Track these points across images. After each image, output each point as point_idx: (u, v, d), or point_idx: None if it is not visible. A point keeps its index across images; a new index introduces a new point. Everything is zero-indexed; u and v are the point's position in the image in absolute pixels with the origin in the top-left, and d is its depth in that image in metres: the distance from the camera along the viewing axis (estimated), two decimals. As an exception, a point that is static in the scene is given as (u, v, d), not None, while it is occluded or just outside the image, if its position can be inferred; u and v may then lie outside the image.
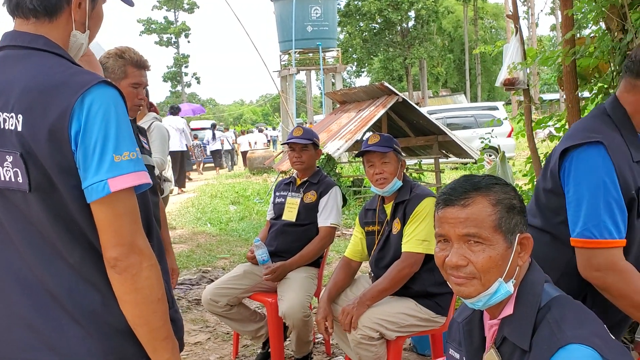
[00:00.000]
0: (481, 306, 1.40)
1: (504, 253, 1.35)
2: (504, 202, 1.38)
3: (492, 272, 1.35)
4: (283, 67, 20.54)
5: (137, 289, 1.28)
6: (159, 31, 51.23)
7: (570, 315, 1.31)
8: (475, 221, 1.35)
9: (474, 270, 1.35)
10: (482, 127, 14.96)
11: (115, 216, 1.27)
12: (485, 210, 1.36)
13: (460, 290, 1.39)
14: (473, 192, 1.38)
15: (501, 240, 1.35)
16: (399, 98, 9.39)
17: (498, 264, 1.34)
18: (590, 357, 1.21)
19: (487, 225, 1.35)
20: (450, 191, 1.41)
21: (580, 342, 1.22)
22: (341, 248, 6.73)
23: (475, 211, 1.36)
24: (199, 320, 4.66)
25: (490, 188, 1.39)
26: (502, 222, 1.36)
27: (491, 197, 1.38)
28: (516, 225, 1.38)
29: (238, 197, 12.24)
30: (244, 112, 66.57)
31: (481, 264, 1.34)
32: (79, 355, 1.31)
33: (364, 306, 2.78)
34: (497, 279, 1.35)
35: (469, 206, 1.36)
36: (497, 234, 1.35)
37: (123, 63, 2.59)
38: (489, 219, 1.35)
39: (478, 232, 1.35)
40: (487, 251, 1.34)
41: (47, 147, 1.24)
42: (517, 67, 3.68)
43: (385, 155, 2.96)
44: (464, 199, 1.37)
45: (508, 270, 1.36)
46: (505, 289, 1.36)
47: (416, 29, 34.10)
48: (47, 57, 1.34)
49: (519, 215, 1.39)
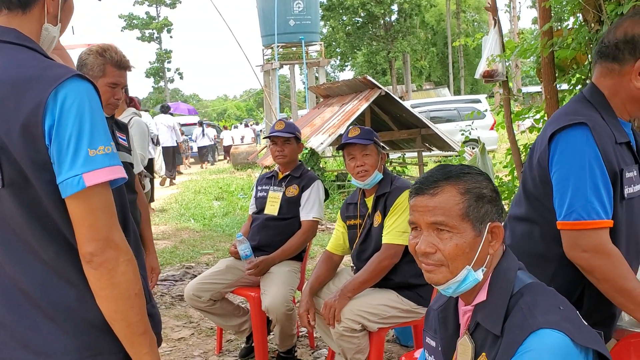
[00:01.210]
0: (451, 293, 1.42)
1: (472, 241, 1.37)
2: (473, 191, 1.39)
3: (459, 259, 1.37)
4: (266, 62, 20.44)
5: (113, 284, 1.27)
6: (140, 27, 50.77)
7: (542, 301, 1.33)
8: (442, 209, 1.38)
9: (442, 258, 1.38)
10: (465, 120, 15.05)
11: (91, 211, 1.25)
12: (454, 199, 1.38)
13: (430, 277, 1.42)
14: (443, 181, 1.41)
15: (469, 229, 1.37)
16: (381, 92, 9.40)
17: (465, 252, 1.37)
18: (561, 341, 1.23)
19: (454, 214, 1.37)
20: (422, 180, 1.44)
21: (551, 326, 1.24)
22: (324, 242, 6.75)
23: (444, 200, 1.38)
24: (182, 316, 4.65)
25: (461, 177, 1.41)
26: (469, 211, 1.37)
27: (460, 185, 1.39)
28: (486, 214, 1.39)
29: (222, 193, 12.22)
30: (227, 108, 66.23)
31: (448, 252, 1.37)
32: (55, 353, 1.30)
33: (346, 298, 2.79)
34: (465, 267, 1.37)
35: (437, 195, 1.39)
36: (464, 222, 1.37)
37: (103, 62, 2.57)
38: (456, 208, 1.37)
39: (445, 221, 1.37)
40: (454, 239, 1.37)
41: (21, 142, 1.22)
42: (496, 59, 3.70)
43: (366, 147, 2.97)
44: (433, 188, 1.40)
45: (477, 259, 1.38)
46: (474, 277, 1.38)
47: (399, 22, 34.13)
48: (19, 50, 1.31)
49: (489, 204, 1.40)
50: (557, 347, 1.22)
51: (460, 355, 1.42)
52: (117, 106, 2.68)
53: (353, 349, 2.81)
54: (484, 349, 1.36)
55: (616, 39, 1.75)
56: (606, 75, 1.79)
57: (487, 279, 1.42)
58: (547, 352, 1.22)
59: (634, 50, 1.72)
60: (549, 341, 1.23)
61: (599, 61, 1.81)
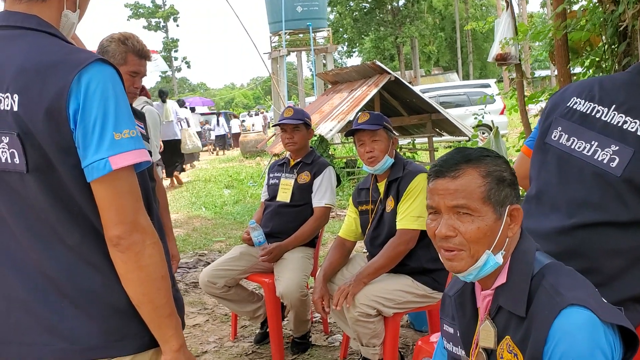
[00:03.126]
0: (472, 279, 1.41)
1: (493, 225, 1.36)
2: (494, 174, 1.38)
3: (480, 242, 1.36)
4: (273, 49, 20.37)
5: (140, 266, 1.28)
6: (147, 15, 50.74)
7: (564, 279, 1.33)
8: (464, 192, 1.36)
9: (463, 241, 1.36)
10: (474, 105, 14.95)
11: (117, 194, 1.26)
12: (475, 182, 1.37)
13: (452, 266, 1.41)
14: (464, 163, 1.39)
15: (490, 212, 1.36)
16: (391, 77, 9.35)
17: (487, 235, 1.36)
18: (589, 318, 1.23)
19: (476, 197, 1.36)
20: (441, 163, 1.42)
21: (578, 302, 1.25)
22: (336, 229, 6.76)
23: (465, 182, 1.37)
24: (197, 302, 4.68)
25: (481, 160, 1.40)
26: (491, 194, 1.36)
27: (481, 168, 1.38)
28: (506, 197, 1.38)
29: (232, 181, 12.25)
30: (235, 96, 66.21)
31: (470, 235, 1.35)
32: (80, 337, 1.31)
33: (361, 284, 2.79)
34: (485, 251, 1.36)
35: (458, 177, 1.37)
36: (486, 205, 1.36)
37: (124, 50, 2.57)
38: (478, 191, 1.36)
39: (467, 204, 1.36)
40: (475, 222, 1.36)
41: (45, 127, 1.23)
42: (509, 42, 3.67)
43: (375, 133, 2.96)
44: (454, 171, 1.38)
45: (497, 242, 1.37)
46: (494, 261, 1.37)
47: (407, 7, 33.88)
48: (41, 36, 1.32)
49: (509, 187, 1.39)
50: (586, 324, 1.23)
51: (483, 339, 1.41)
52: (136, 95, 2.68)
53: (368, 334, 2.82)
54: (508, 332, 1.36)
55: None
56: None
57: (506, 262, 1.41)
58: (577, 331, 1.22)
59: None
60: (578, 319, 1.23)
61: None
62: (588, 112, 1.79)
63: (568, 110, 1.84)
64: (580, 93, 1.84)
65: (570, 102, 1.85)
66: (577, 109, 1.82)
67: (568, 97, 1.87)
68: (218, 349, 3.76)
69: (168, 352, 1.37)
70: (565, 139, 1.81)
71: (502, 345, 1.37)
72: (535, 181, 1.88)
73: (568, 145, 1.80)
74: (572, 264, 1.43)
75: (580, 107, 1.82)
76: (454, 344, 1.55)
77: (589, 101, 1.81)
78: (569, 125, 1.81)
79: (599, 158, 1.71)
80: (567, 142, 1.80)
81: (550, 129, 1.86)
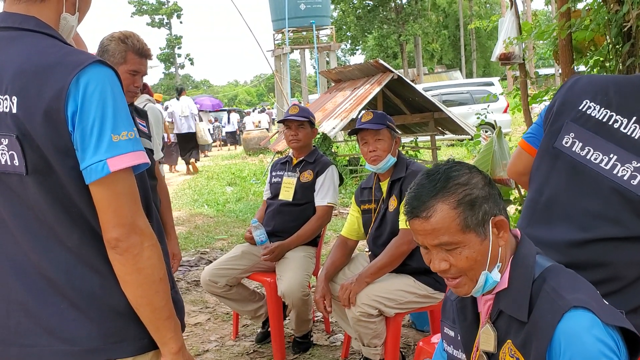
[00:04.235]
0: (478, 294, 1.43)
1: (480, 247, 1.36)
2: (464, 200, 1.35)
3: (474, 268, 1.37)
4: (277, 47, 20.38)
5: (139, 269, 1.28)
6: (150, 12, 50.75)
7: (565, 281, 1.33)
8: (441, 230, 1.34)
9: (458, 271, 1.38)
10: (478, 104, 14.93)
11: (115, 196, 1.26)
12: (449, 216, 1.34)
13: (457, 292, 1.43)
14: (432, 200, 1.36)
15: (473, 237, 1.35)
16: (394, 75, 9.34)
17: (477, 260, 1.36)
18: (591, 320, 1.23)
19: (454, 230, 1.34)
20: (411, 201, 1.39)
21: (580, 304, 1.24)
22: (338, 227, 6.75)
23: (439, 220, 1.34)
24: (198, 301, 4.68)
25: (448, 190, 1.36)
26: (468, 222, 1.35)
27: (450, 200, 1.35)
28: (485, 214, 1.36)
29: (234, 179, 12.25)
30: (238, 93, 66.23)
31: (461, 265, 1.36)
32: (80, 339, 1.30)
33: (363, 283, 2.79)
34: (482, 272, 1.37)
35: (431, 217, 1.35)
36: (467, 234, 1.35)
37: (124, 48, 2.56)
38: (454, 224, 1.34)
39: (448, 240, 1.35)
40: (463, 252, 1.35)
41: (44, 128, 1.23)
42: (513, 41, 3.65)
43: (378, 132, 2.96)
44: (425, 210, 1.36)
45: (491, 258, 1.37)
46: (492, 279, 1.38)
47: (410, 5, 33.82)
48: (40, 38, 1.31)
49: (485, 203, 1.37)
50: (591, 325, 1.23)
51: (483, 343, 1.41)
52: (136, 94, 2.68)
53: (370, 334, 2.81)
54: (509, 336, 1.36)
55: None
56: None
57: (506, 267, 1.41)
58: (585, 333, 1.22)
59: None
60: (582, 322, 1.23)
61: None
62: (605, 120, 1.70)
63: (581, 115, 1.74)
64: (595, 96, 1.74)
65: (582, 105, 1.75)
66: (591, 115, 1.73)
67: (579, 97, 1.77)
68: (219, 347, 3.76)
69: (167, 355, 1.37)
70: (579, 147, 1.73)
71: (504, 350, 1.36)
72: (543, 187, 1.80)
73: (583, 155, 1.71)
74: (584, 275, 1.41)
75: (595, 113, 1.72)
76: (455, 347, 1.56)
77: (605, 107, 1.71)
78: (584, 133, 1.73)
79: (619, 174, 1.64)
80: (581, 151, 1.72)
81: (561, 133, 1.77)
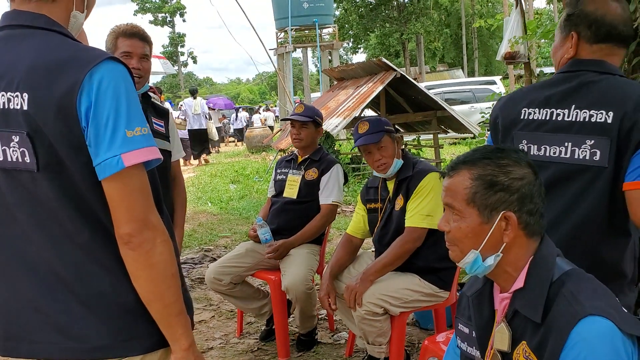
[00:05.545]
0: (468, 272, 1.44)
1: (477, 227, 1.38)
2: (485, 177, 1.38)
3: (463, 242, 1.40)
4: (279, 45, 20.36)
5: (151, 264, 1.28)
6: (153, 10, 50.76)
7: (585, 287, 1.31)
8: (451, 192, 1.42)
9: (452, 237, 1.43)
10: (480, 102, 14.90)
11: (128, 192, 1.26)
12: (463, 183, 1.40)
13: (450, 254, 1.47)
14: (462, 164, 1.43)
15: (474, 215, 1.38)
16: (397, 74, 9.31)
17: (469, 237, 1.39)
18: (609, 327, 1.22)
19: (460, 198, 1.40)
20: (454, 160, 1.46)
21: (598, 313, 1.23)
22: (342, 225, 6.75)
23: (455, 182, 1.41)
24: (202, 298, 4.69)
25: (479, 162, 1.41)
26: (476, 197, 1.38)
27: (474, 171, 1.40)
28: (498, 202, 1.37)
29: (237, 176, 12.26)
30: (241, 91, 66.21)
31: (452, 233, 1.42)
32: (88, 337, 1.31)
33: (368, 282, 2.79)
34: (472, 250, 1.39)
35: (452, 177, 1.43)
36: (469, 207, 1.39)
37: (114, 36, 2.62)
38: (463, 192, 1.39)
39: (452, 203, 1.41)
40: (458, 222, 1.40)
41: (56, 124, 1.23)
42: (519, 40, 3.65)
43: (379, 141, 2.94)
44: (453, 170, 1.43)
45: (487, 244, 1.38)
46: (481, 262, 1.39)
47: (412, 3, 33.72)
48: (51, 35, 1.32)
49: (503, 192, 1.37)
50: (606, 334, 1.21)
51: (497, 342, 1.40)
52: (139, 77, 2.61)
53: (375, 333, 2.82)
54: (525, 337, 1.35)
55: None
56: (611, 55, 1.83)
57: (524, 266, 1.40)
58: (597, 340, 1.21)
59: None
60: (598, 329, 1.22)
61: (603, 43, 1.82)
62: (548, 118, 1.81)
63: (525, 122, 1.86)
64: (530, 102, 1.86)
65: (522, 114, 1.87)
66: (534, 119, 1.84)
67: (517, 108, 1.89)
68: (224, 345, 3.77)
69: (178, 351, 1.37)
70: (535, 149, 1.83)
71: (519, 351, 1.36)
72: None
73: (542, 154, 1.81)
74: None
75: (537, 116, 1.84)
76: (469, 344, 1.55)
77: (544, 108, 1.83)
78: (534, 136, 1.82)
79: (580, 157, 1.73)
80: (538, 152, 1.82)
81: (515, 144, 1.87)
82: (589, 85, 1.77)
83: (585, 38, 1.81)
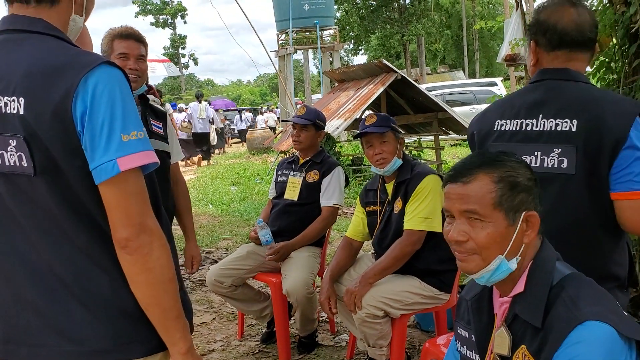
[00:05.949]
0: (485, 282, 1.41)
1: (504, 231, 1.35)
2: (507, 179, 1.36)
3: (491, 248, 1.35)
4: (280, 47, 20.38)
5: (148, 269, 1.28)
6: (154, 12, 50.87)
7: (585, 292, 1.31)
8: (474, 198, 1.36)
9: (474, 246, 1.36)
10: (481, 104, 14.88)
11: (125, 196, 1.26)
12: (486, 187, 1.36)
13: (463, 266, 1.40)
14: (477, 168, 1.38)
15: (501, 218, 1.35)
16: (397, 75, 9.33)
17: (497, 241, 1.35)
18: (608, 333, 1.21)
19: (487, 203, 1.35)
20: (457, 167, 1.42)
21: (597, 318, 1.22)
22: (342, 227, 6.75)
23: (476, 188, 1.36)
24: (203, 300, 4.69)
25: (495, 165, 1.38)
26: (503, 200, 1.35)
27: (494, 174, 1.37)
28: (521, 203, 1.36)
29: (238, 178, 12.26)
30: (242, 93, 66.24)
31: (480, 241, 1.35)
32: (88, 339, 1.31)
33: (367, 285, 2.79)
34: (498, 256, 1.35)
35: (469, 183, 1.37)
36: (497, 211, 1.35)
37: (110, 38, 2.63)
38: (489, 196, 1.35)
39: (476, 209, 1.35)
40: (486, 228, 1.35)
41: (52, 129, 1.23)
42: (519, 42, 3.65)
43: (383, 135, 2.95)
44: (467, 176, 1.38)
45: (511, 248, 1.35)
46: (507, 266, 1.36)
47: (413, 5, 33.72)
48: (47, 39, 1.32)
49: (524, 192, 1.37)
50: (605, 338, 1.21)
51: (497, 346, 1.40)
52: (137, 78, 2.63)
53: (375, 335, 2.82)
54: (524, 341, 1.34)
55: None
56: (580, 60, 1.88)
57: (525, 270, 1.39)
58: (596, 343, 1.20)
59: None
60: (597, 333, 1.21)
61: (566, 49, 1.87)
62: (518, 128, 1.86)
63: (498, 134, 1.91)
64: (502, 115, 1.92)
65: (496, 126, 1.93)
66: (507, 130, 1.89)
67: (491, 121, 1.95)
68: (225, 347, 3.77)
69: (176, 355, 1.37)
70: None
71: (518, 355, 1.35)
72: None
73: None
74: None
75: (508, 127, 1.89)
76: (468, 347, 1.54)
77: (514, 119, 1.88)
78: (506, 147, 1.84)
79: (549, 165, 1.77)
80: None
81: None
82: (553, 94, 1.82)
83: (542, 46, 1.88)
